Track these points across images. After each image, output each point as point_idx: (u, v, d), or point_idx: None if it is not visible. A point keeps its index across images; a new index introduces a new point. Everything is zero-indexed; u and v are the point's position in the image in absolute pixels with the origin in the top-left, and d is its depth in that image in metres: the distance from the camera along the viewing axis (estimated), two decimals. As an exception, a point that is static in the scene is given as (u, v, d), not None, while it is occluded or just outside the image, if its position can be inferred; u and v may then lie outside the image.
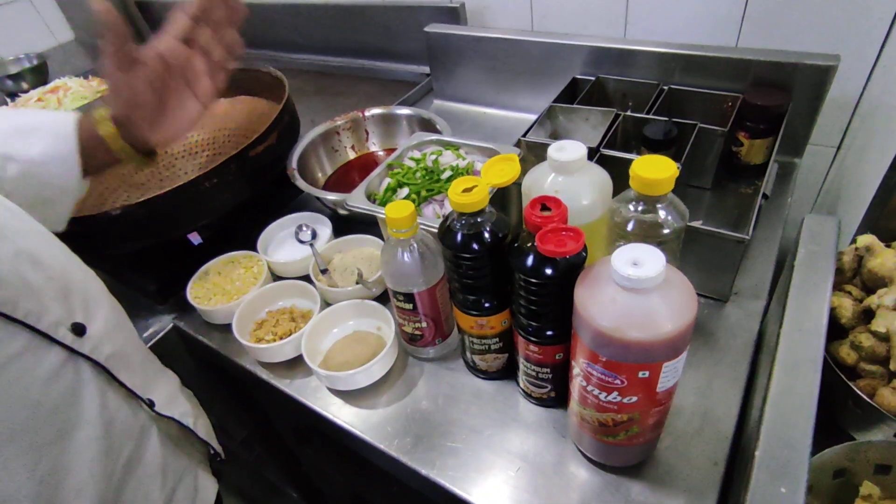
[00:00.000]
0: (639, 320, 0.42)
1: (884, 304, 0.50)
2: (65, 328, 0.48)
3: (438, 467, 0.60)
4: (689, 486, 0.55)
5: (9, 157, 0.55)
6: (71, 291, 0.51)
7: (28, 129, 0.56)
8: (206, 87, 0.63)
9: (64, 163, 0.58)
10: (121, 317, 0.60)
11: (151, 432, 0.58)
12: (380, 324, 0.75)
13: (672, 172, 0.50)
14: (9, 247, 0.46)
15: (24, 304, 0.45)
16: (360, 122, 1.03)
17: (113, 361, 0.53)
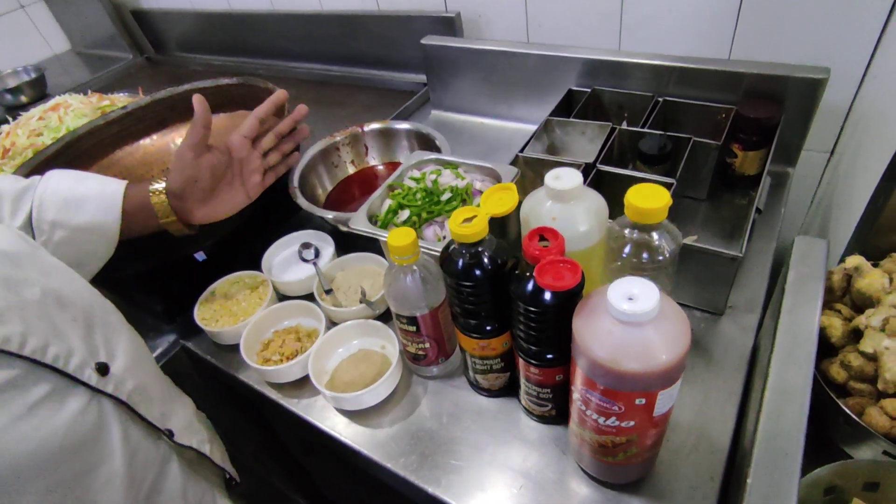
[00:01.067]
0: (634, 352, 0.44)
1: (871, 324, 0.52)
2: (90, 369, 0.50)
3: (444, 486, 0.62)
4: (686, 502, 0.57)
5: (58, 224, 0.61)
6: (93, 329, 0.53)
7: (79, 200, 0.62)
8: (256, 183, 0.72)
9: (105, 232, 0.64)
10: (139, 347, 0.62)
11: (171, 461, 0.60)
12: (384, 342, 0.76)
13: (665, 202, 0.51)
14: (34, 290, 0.48)
15: (53, 349, 0.47)
16: (359, 137, 1.04)
17: (135, 397, 0.55)
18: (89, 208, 0.62)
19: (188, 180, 0.66)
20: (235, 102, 1.19)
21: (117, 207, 0.64)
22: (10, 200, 0.60)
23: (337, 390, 0.71)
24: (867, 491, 0.49)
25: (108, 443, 0.50)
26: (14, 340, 0.44)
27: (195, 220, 0.69)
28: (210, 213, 0.70)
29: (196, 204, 0.68)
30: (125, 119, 1.14)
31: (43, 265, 0.52)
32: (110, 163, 1.13)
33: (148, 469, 0.55)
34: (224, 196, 0.70)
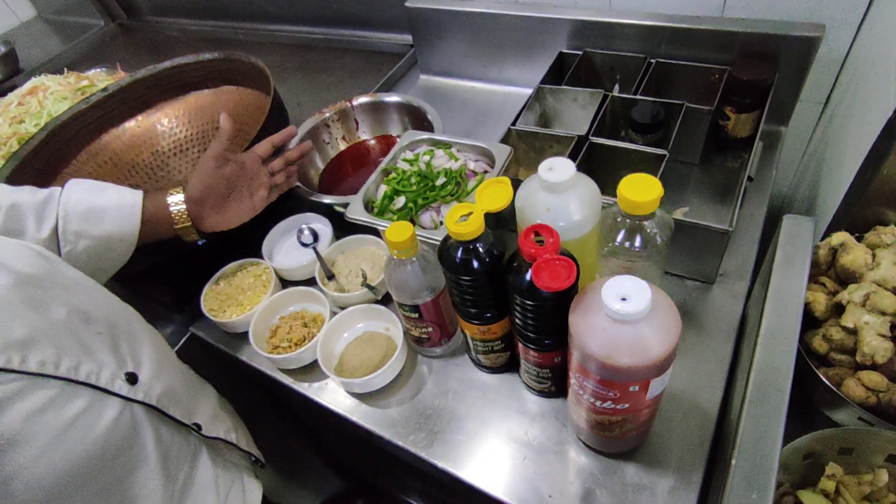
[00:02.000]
0: (628, 348, 0.46)
1: (853, 300, 0.54)
2: (120, 380, 0.53)
3: (453, 460, 0.67)
4: (678, 466, 0.62)
5: (82, 235, 0.64)
6: (119, 340, 0.56)
7: (100, 211, 0.65)
8: (262, 197, 0.77)
9: (125, 240, 0.67)
10: (161, 348, 0.65)
11: (201, 453, 0.64)
12: (387, 325, 0.79)
13: (657, 194, 0.52)
14: (61, 310, 0.50)
15: (85, 366, 0.49)
16: (348, 113, 1.03)
17: (163, 400, 0.58)
18: (110, 219, 0.66)
19: (207, 188, 0.71)
20: (219, 78, 1.16)
21: (136, 217, 0.67)
22: (34, 213, 0.62)
23: (345, 374, 0.74)
24: (842, 455, 0.53)
25: (144, 446, 0.54)
26: (49, 363, 0.46)
27: (207, 227, 0.73)
28: (221, 221, 0.74)
29: (210, 211, 0.72)
30: (107, 102, 1.11)
31: (63, 282, 0.54)
32: (98, 148, 1.12)
33: (181, 464, 0.59)
34: (234, 206, 0.75)
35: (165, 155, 1.16)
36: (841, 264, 0.58)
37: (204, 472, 0.63)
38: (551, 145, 0.87)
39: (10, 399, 0.43)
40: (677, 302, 0.76)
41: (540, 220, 0.59)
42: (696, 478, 0.61)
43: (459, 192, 0.74)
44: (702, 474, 0.61)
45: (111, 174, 1.11)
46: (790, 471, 0.54)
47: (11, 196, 0.62)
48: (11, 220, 0.61)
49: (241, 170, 0.75)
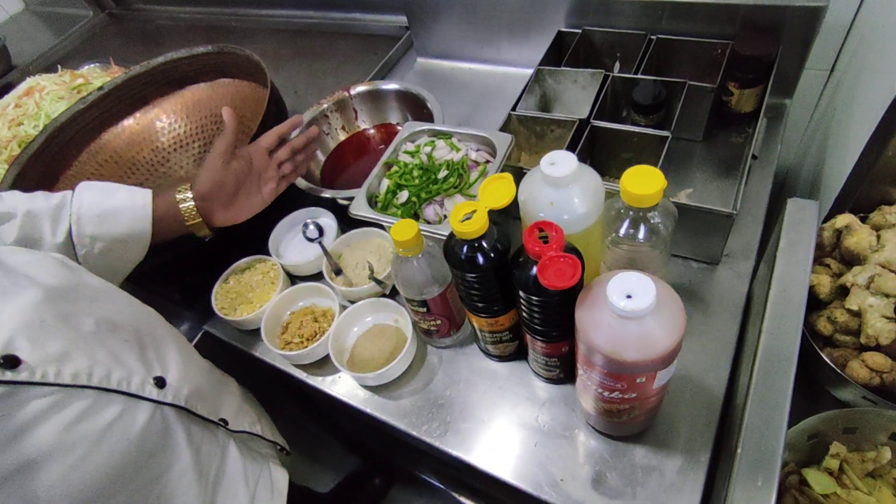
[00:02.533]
0: (634, 343, 0.47)
1: (857, 282, 0.55)
2: (150, 384, 0.55)
3: (467, 448, 0.69)
4: (686, 447, 0.63)
5: (97, 238, 0.65)
6: (145, 345, 0.58)
7: (112, 213, 0.66)
8: (271, 189, 0.78)
9: (139, 240, 0.69)
10: (185, 348, 0.67)
11: (229, 446, 0.66)
12: (396, 316, 0.80)
13: (660, 186, 0.52)
14: (89, 321, 0.52)
15: (116, 374, 0.51)
16: (346, 102, 1.02)
17: (191, 400, 0.60)
18: (124, 220, 0.67)
19: (216, 183, 0.71)
20: (215, 71, 1.15)
21: (148, 216, 0.68)
22: (49, 219, 0.64)
23: (357, 367, 0.76)
24: (846, 434, 0.54)
25: (176, 445, 0.56)
26: (82, 374, 0.48)
27: (217, 223, 0.74)
28: (231, 216, 0.75)
29: (219, 207, 0.73)
30: (104, 100, 1.11)
31: (88, 293, 0.56)
32: (98, 148, 1.12)
33: (212, 459, 0.62)
34: (243, 201, 0.76)
35: (166, 151, 1.15)
36: (845, 246, 0.58)
37: (233, 464, 0.66)
38: (552, 129, 0.86)
39: (47, 411, 0.45)
40: (682, 283, 0.76)
41: (543, 214, 0.59)
42: (704, 457, 0.62)
43: (462, 185, 0.74)
44: (709, 454, 0.62)
45: (113, 173, 1.11)
46: (795, 450, 0.56)
47: (26, 204, 0.64)
48: (28, 228, 0.63)
49: (249, 164, 0.75)
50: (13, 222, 0.61)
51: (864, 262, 0.56)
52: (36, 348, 0.46)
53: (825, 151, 0.84)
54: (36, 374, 0.44)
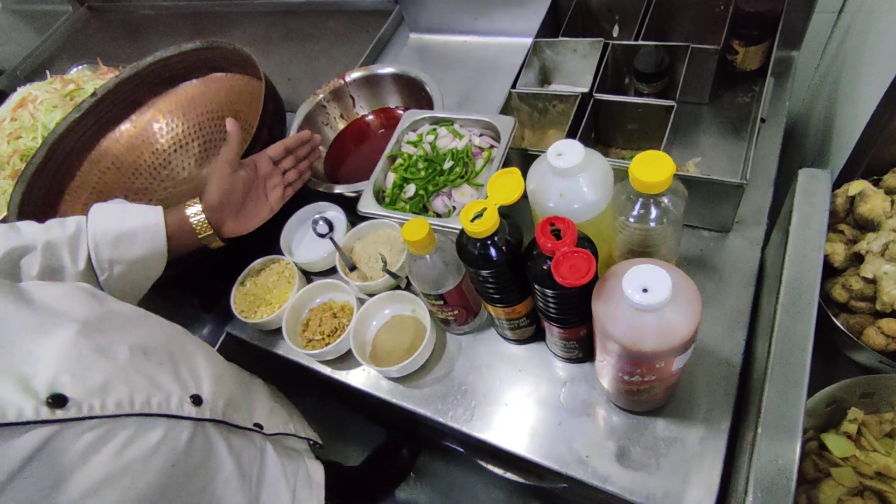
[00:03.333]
0: (652, 334, 0.48)
1: (872, 250, 0.55)
2: (188, 403, 0.57)
3: (493, 430, 0.71)
4: (706, 416, 0.65)
5: (115, 262, 0.67)
6: (178, 364, 0.59)
7: (128, 236, 0.68)
8: (278, 197, 0.79)
9: (156, 259, 0.70)
10: (214, 360, 0.69)
11: (266, 448, 0.69)
12: (413, 307, 0.81)
13: (669, 172, 0.52)
14: (123, 349, 0.53)
15: (155, 398, 0.53)
16: (343, 90, 1.00)
17: (228, 411, 0.63)
18: (139, 242, 0.68)
19: (225, 193, 0.72)
20: (206, 66, 1.13)
21: (162, 235, 0.69)
22: (68, 249, 0.65)
23: (380, 360, 0.78)
24: (864, 398, 0.56)
25: (218, 456, 0.59)
26: (125, 403, 0.50)
27: (228, 233, 0.75)
28: (240, 225, 0.76)
29: (229, 217, 0.74)
30: (98, 107, 1.09)
31: (118, 321, 0.57)
32: (98, 155, 1.12)
33: (252, 463, 0.65)
34: (252, 209, 0.77)
35: (166, 153, 1.15)
36: (859, 213, 0.58)
37: (272, 465, 0.69)
38: (555, 104, 0.85)
39: (98, 442, 0.47)
40: (694, 253, 0.77)
41: (553, 205, 0.59)
42: (724, 426, 0.64)
43: (468, 174, 0.73)
44: (729, 422, 0.64)
45: (116, 180, 1.12)
46: (814, 417, 0.57)
47: (44, 235, 0.65)
48: (49, 258, 0.64)
49: (254, 172, 0.77)
50: (34, 254, 0.63)
51: (879, 229, 0.56)
52: (79, 383, 0.47)
53: (834, 105, 0.82)
54: (83, 408, 0.46)
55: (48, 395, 0.44)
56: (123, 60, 1.54)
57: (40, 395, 0.44)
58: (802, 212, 0.55)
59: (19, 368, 0.45)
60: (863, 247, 0.56)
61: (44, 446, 0.43)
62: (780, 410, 0.50)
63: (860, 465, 0.54)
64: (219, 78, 1.14)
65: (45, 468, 0.43)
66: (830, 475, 0.55)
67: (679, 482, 0.62)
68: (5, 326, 0.47)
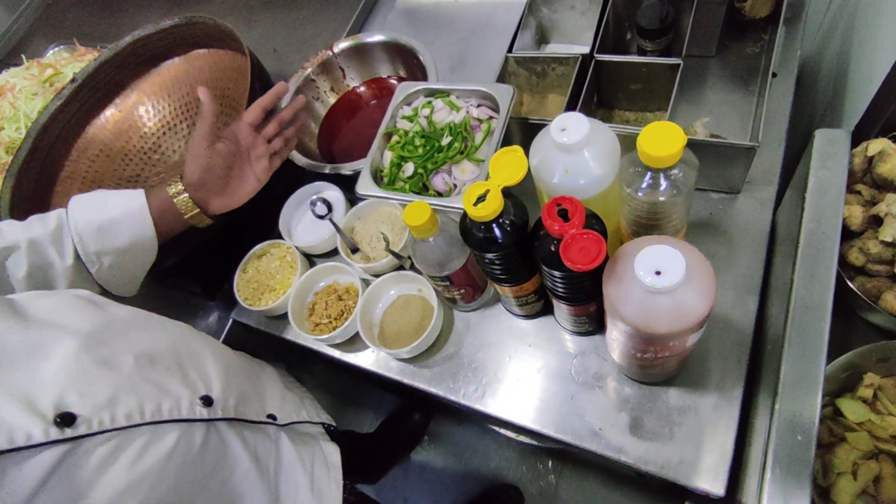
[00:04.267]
0: (666, 315, 0.47)
1: (891, 212, 0.53)
2: (198, 406, 0.56)
3: (507, 407, 0.72)
4: (718, 384, 0.65)
5: (103, 253, 0.65)
6: (186, 366, 0.58)
7: (111, 224, 0.65)
8: (264, 167, 0.74)
9: (145, 244, 0.67)
10: (222, 355, 0.67)
11: (280, 438, 0.69)
12: (419, 286, 0.80)
13: (680, 145, 0.49)
14: (128, 359, 0.52)
15: (165, 405, 0.52)
16: (331, 62, 0.96)
17: (239, 408, 0.62)
18: (124, 229, 0.65)
19: (204, 169, 0.68)
20: (187, 43, 1.08)
21: (148, 219, 0.66)
22: (52, 244, 0.63)
23: (388, 341, 0.78)
24: (880, 363, 0.55)
25: (234, 453, 0.59)
26: (135, 413, 0.49)
27: (215, 210, 0.72)
28: (227, 201, 0.72)
29: (214, 193, 0.71)
30: (80, 93, 1.05)
31: (120, 327, 0.55)
32: (85, 143, 1.08)
33: (269, 455, 0.65)
34: (237, 183, 0.73)
35: (155, 136, 1.12)
36: (878, 173, 0.55)
37: (288, 453, 0.69)
38: (554, 67, 0.81)
39: (111, 455, 0.47)
40: (703, 217, 0.75)
41: (557, 181, 0.57)
42: (737, 393, 0.64)
43: (468, 150, 0.71)
44: (742, 389, 0.64)
45: (106, 167, 1.09)
46: (830, 382, 0.57)
47: (25, 233, 0.63)
48: (36, 256, 0.62)
49: (236, 143, 0.72)
50: (18, 254, 0.61)
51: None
52: (86, 399, 0.47)
53: (848, 51, 0.78)
54: (93, 424, 0.46)
55: (56, 414, 0.44)
56: (100, 38, 1.48)
57: (47, 415, 0.43)
58: (819, 177, 0.53)
59: (23, 390, 0.44)
60: (882, 209, 0.54)
61: (58, 466, 0.43)
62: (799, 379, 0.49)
63: (875, 429, 0.54)
64: (202, 55, 1.09)
65: (62, 488, 0.43)
66: (845, 439, 0.55)
67: (693, 450, 0.62)
68: (3, 347, 0.45)
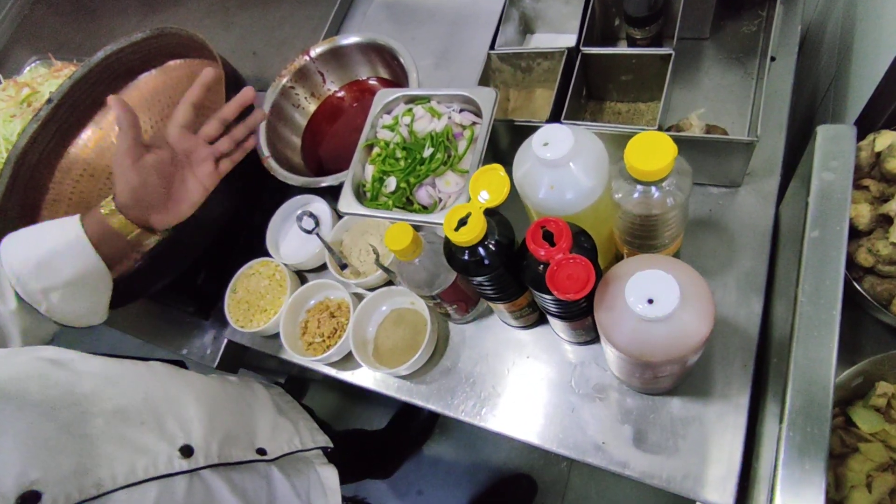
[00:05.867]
0: (662, 344, 0.44)
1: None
2: (177, 458, 0.54)
3: (507, 423, 0.70)
4: (722, 392, 0.63)
5: (49, 289, 0.60)
6: (162, 416, 0.56)
7: (50, 258, 0.60)
8: (209, 172, 0.66)
9: (93, 274, 0.62)
10: (204, 393, 0.64)
11: (272, 472, 0.66)
12: (412, 299, 0.78)
13: (671, 157, 0.46)
14: (97, 422, 0.50)
15: (140, 464, 0.50)
16: (309, 68, 0.92)
17: (224, 450, 0.60)
18: (65, 261, 0.61)
19: (135, 187, 0.61)
20: (162, 54, 1.05)
21: (88, 247, 0.61)
22: None
23: (383, 359, 0.76)
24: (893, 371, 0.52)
25: (222, 500, 0.57)
26: (107, 481, 0.47)
27: (157, 226, 0.65)
28: (170, 215, 0.66)
29: (152, 210, 0.64)
30: (57, 113, 1.02)
31: (88, 386, 0.53)
32: (68, 164, 1.06)
33: (259, 494, 0.63)
34: (179, 193, 0.66)
35: (138, 152, 1.09)
36: (887, 169, 0.52)
37: (281, 488, 0.67)
38: (539, 62, 0.77)
39: None
40: (702, 214, 0.71)
41: (543, 196, 0.54)
42: (743, 401, 0.62)
43: (451, 160, 0.67)
44: (748, 397, 0.62)
45: (91, 188, 1.07)
46: (840, 390, 0.54)
47: None
48: None
49: (169, 151, 0.64)
50: None
51: (908, 187, 0.50)
52: (50, 473, 0.44)
53: (852, 27, 0.73)
54: (59, 500, 0.43)
55: (17, 495, 0.41)
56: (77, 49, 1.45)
57: (9, 497, 0.41)
58: (823, 179, 0.49)
59: None
60: (892, 208, 0.50)
61: None
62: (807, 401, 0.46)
63: (890, 440, 0.51)
64: (178, 66, 1.05)
65: None
66: (858, 450, 0.53)
67: (699, 463, 0.60)
68: None
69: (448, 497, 1.54)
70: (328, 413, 1.74)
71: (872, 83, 0.58)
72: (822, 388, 0.44)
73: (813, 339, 0.45)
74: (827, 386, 0.44)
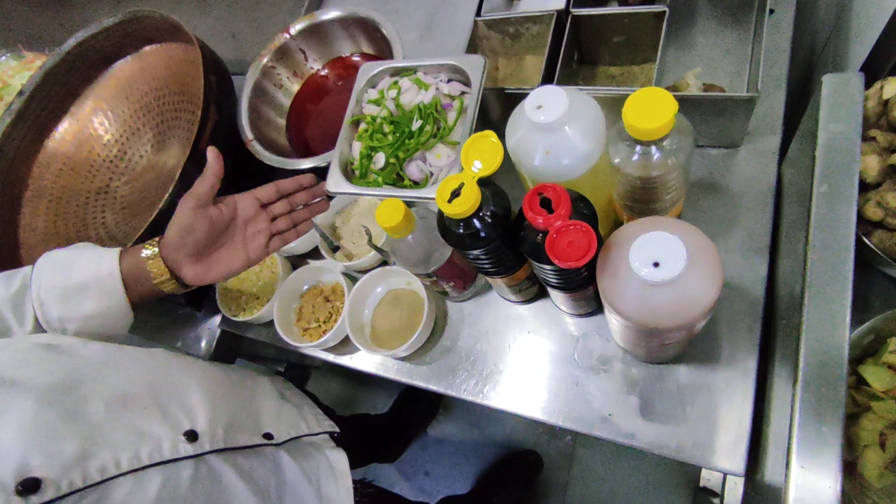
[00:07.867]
0: (668, 309, 0.43)
1: (911, 161, 0.47)
2: (182, 443, 0.52)
3: (510, 399, 0.68)
4: (729, 357, 0.61)
5: (66, 319, 0.59)
6: (165, 402, 0.54)
7: (77, 290, 0.59)
8: (259, 245, 0.66)
9: (119, 313, 0.61)
10: (207, 378, 0.63)
11: (280, 456, 0.65)
12: (408, 279, 0.76)
13: (671, 114, 0.44)
14: (98, 406, 0.48)
15: (144, 449, 0.49)
16: (289, 46, 0.88)
17: (229, 436, 0.58)
18: (91, 295, 0.60)
19: (183, 228, 0.61)
20: (137, 39, 1.01)
21: (118, 287, 0.60)
22: (11, 309, 0.58)
23: (380, 341, 0.74)
24: (905, 326, 0.51)
25: (229, 483, 0.56)
26: (110, 466, 0.46)
27: (188, 279, 0.64)
28: (203, 272, 0.64)
29: (188, 258, 0.63)
30: (30, 106, 0.99)
31: (89, 371, 0.51)
32: (46, 159, 1.03)
33: (269, 478, 0.62)
34: (221, 256, 0.65)
35: (119, 143, 1.06)
36: (895, 117, 0.50)
37: (290, 472, 0.66)
38: (527, 27, 0.74)
39: None
40: (703, 176, 0.69)
41: (538, 164, 0.51)
42: (751, 365, 0.60)
43: (441, 132, 0.65)
44: (756, 361, 0.60)
45: (72, 182, 1.03)
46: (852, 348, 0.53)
47: None
48: None
49: (232, 212, 0.64)
50: None
51: (918, 136, 0.48)
52: (52, 460, 0.43)
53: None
54: (62, 487, 0.42)
55: (17, 482, 0.40)
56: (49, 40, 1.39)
57: (8, 485, 0.40)
58: (830, 132, 0.47)
59: None
60: (900, 158, 0.48)
61: None
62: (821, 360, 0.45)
63: (902, 397, 0.50)
64: (154, 50, 1.02)
65: None
66: (870, 408, 0.52)
67: (708, 430, 0.59)
68: None
69: (455, 476, 1.54)
70: (331, 399, 1.73)
71: (877, 29, 0.55)
72: (837, 346, 0.43)
73: (825, 296, 0.44)
74: (841, 344, 0.43)
